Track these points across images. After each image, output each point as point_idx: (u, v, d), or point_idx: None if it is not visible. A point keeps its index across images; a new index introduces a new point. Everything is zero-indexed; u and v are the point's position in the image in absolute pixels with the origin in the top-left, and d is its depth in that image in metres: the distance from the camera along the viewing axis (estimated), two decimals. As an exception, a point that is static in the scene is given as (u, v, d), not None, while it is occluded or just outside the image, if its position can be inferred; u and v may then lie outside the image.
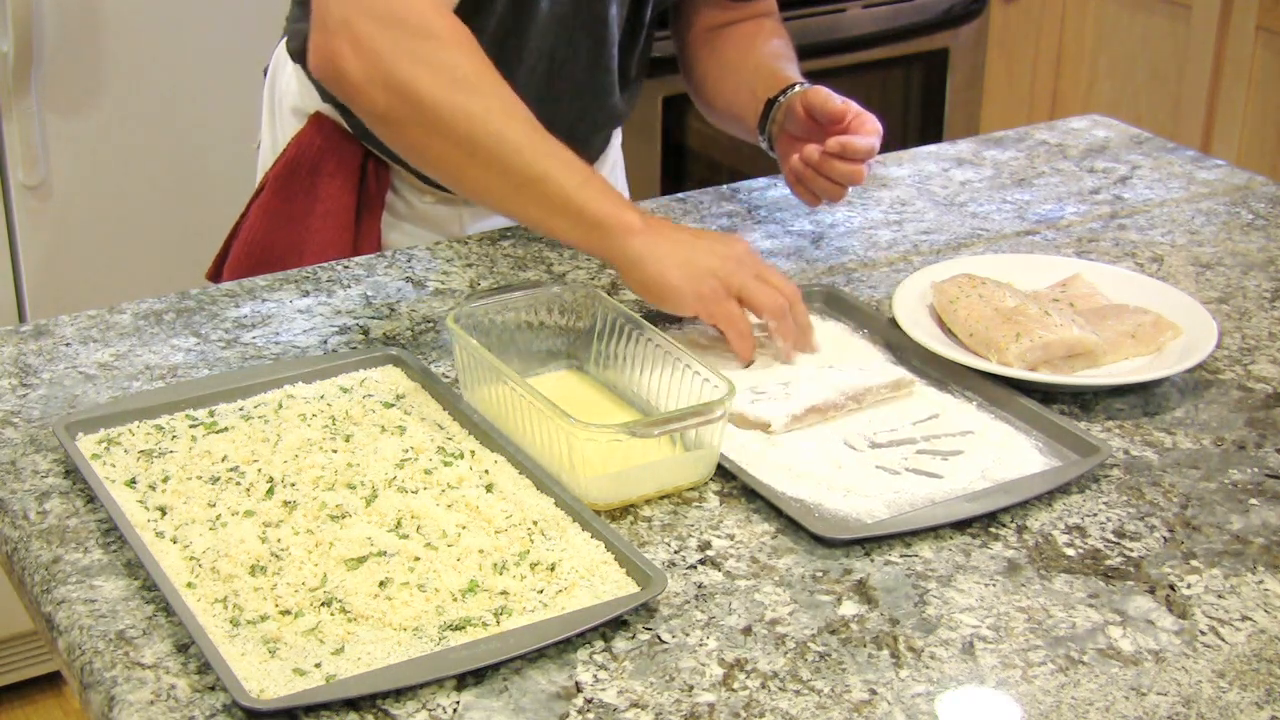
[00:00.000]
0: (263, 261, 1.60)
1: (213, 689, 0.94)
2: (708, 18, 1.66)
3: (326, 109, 1.60)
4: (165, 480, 1.13)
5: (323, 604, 1.00)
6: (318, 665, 0.95)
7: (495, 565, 1.04)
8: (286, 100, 1.64)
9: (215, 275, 1.67)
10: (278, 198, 1.61)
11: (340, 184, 1.59)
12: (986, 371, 1.27)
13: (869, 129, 1.47)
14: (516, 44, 1.49)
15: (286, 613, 0.99)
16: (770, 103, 1.53)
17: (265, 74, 1.70)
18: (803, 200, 1.54)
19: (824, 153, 1.47)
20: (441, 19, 1.31)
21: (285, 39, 1.65)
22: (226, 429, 1.19)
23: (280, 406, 1.22)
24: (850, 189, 1.54)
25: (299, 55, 1.61)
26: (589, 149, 1.64)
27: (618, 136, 1.75)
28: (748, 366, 1.30)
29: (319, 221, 1.59)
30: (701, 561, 1.07)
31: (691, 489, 1.15)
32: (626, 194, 1.80)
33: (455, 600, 1.00)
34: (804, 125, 1.50)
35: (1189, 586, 1.05)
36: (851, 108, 1.48)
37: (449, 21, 1.32)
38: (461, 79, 1.29)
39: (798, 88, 1.53)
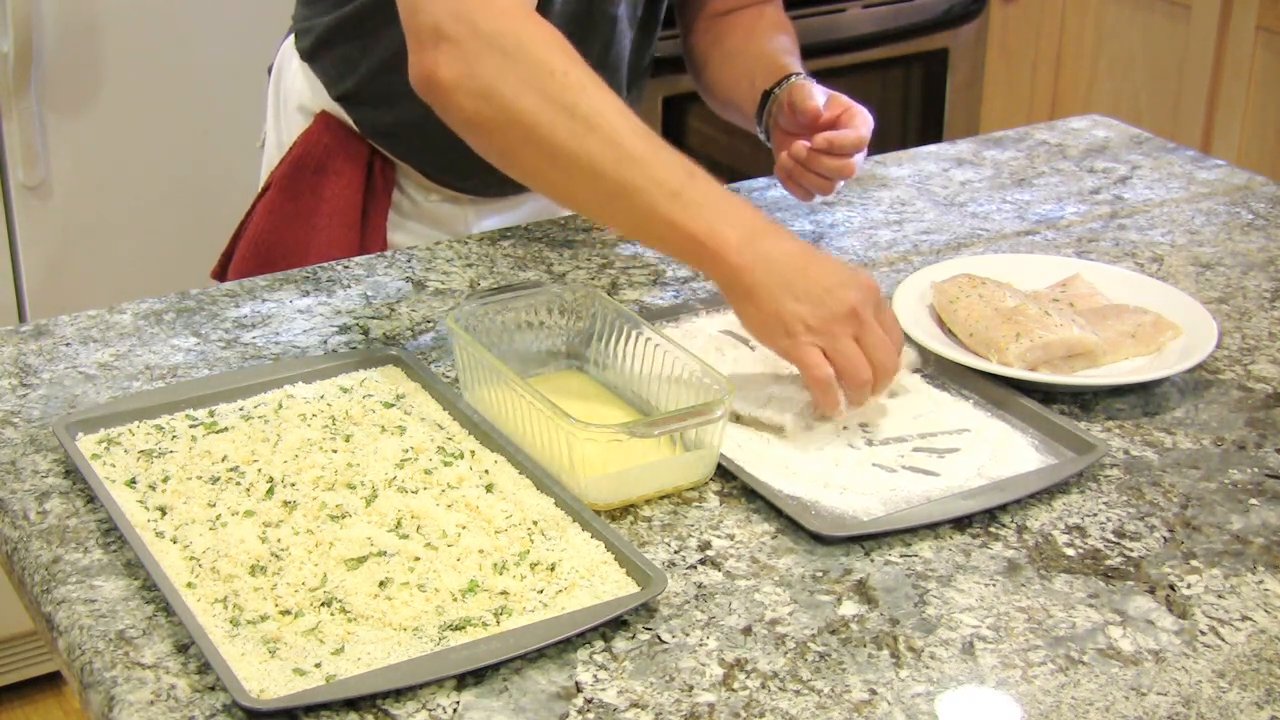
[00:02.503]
0: (268, 260, 1.60)
1: (213, 689, 0.94)
2: (711, 6, 1.66)
3: (333, 107, 1.60)
4: (165, 480, 1.13)
5: (323, 604, 1.00)
6: (318, 665, 0.95)
7: (495, 565, 1.04)
8: (292, 99, 1.64)
9: (221, 274, 1.67)
10: (283, 196, 1.61)
11: (346, 182, 1.59)
12: (987, 371, 1.27)
13: (857, 122, 1.46)
14: None
15: (286, 613, 0.99)
16: (766, 94, 1.53)
17: (269, 72, 1.70)
18: (794, 195, 1.54)
19: (811, 149, 1.46)
20: (528, 19, 1.25)
21: (292, 37, 1.65)
22: (226, 429, 1.19)
23: (280, 406, 1.22)
24: (850, 188, 1.53)
25: (308, 53, 1.61)
26: None
27: None
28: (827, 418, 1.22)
29: (324, 220, 1.59)
30: (701, 561, 1.07)
31: (691, 489, 1.15)
32: None
33: (455, 600, 1.00)
34: (791, 120, 1.50)
35: (1189, 586, 1.05)
36: (839, 103, 1.47)
37: (535, 22, 1.26)
38: (546, 82, 1.22)
39: (792, 79, 1.52)
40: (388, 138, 1.60)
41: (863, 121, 1.46)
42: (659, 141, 1.23)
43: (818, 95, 1.48)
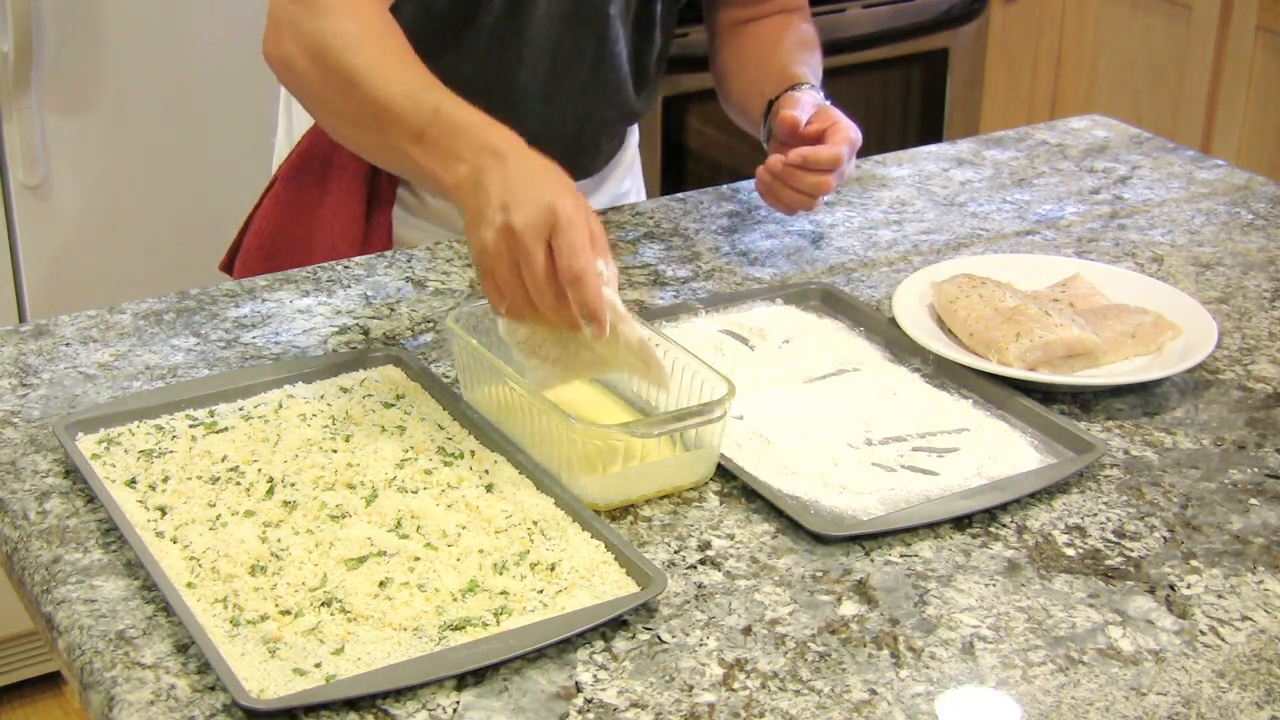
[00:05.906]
0: (273, 253, 1.61)
1: (213, 689, 0.94)
2: (729, 13, 1.66)
3: None
4: (165, 480, 1.13)
5: (323, 604, 1.00)
6: (318, 665, 0.95)
7: (495, 565, 1.04)
8: None
9: (228, 266, 1.68)
10: (289, 189, 1.62)
11: (351, 177, 1.59)
12: (987, 371, 1.27)
13: (838, 139, 1.44)
14: (516, 42, 1.49)
15: (286, 613, 0.99)
16: (770, 103, 1.53)
17: None
18: (775, 208, 1.53)
19: (786, 164, 1.44)
20: None
21: None
22: (226, 429, 1.19)
23: (280, 406, 1.22)
24: (850, 188, 1.53)
25: None
26: (599, 151, 1.64)
27: (634, 136, 1.74)
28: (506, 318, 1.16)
29: (329, 213, 1.60)
30: (701, 561, 1.07)
31: (691, 489, 1.15)
32: (642, 194, 1.79)
33: (455, 600, 1.00)
34: (779, 130, 1.49)
35: (1189, 586, 1.05)
36: (826, 116, 1.45)
37: None
38: (320, 46, 1.27)
39: (793, 89, 1.51)
40: None
41: (844, 139, 1.44)
42: (413, 80, 1.24)
43: (803, 107, 1.46)
